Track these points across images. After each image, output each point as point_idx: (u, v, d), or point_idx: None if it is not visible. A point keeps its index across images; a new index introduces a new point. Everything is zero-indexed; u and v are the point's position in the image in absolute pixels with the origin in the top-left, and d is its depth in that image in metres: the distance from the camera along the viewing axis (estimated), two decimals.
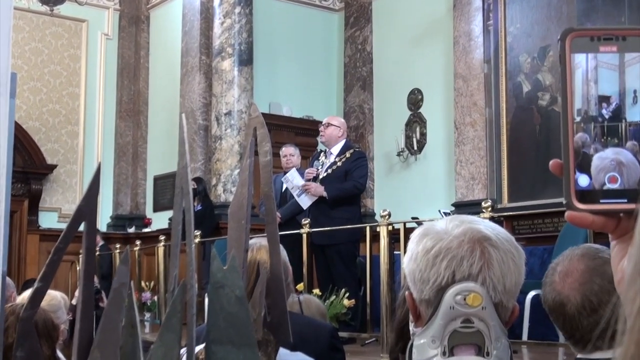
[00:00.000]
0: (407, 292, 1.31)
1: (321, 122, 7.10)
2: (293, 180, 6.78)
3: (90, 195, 0.89)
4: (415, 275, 1.27)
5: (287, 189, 7.53)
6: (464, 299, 1.21)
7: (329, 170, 6.76)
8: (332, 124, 6.87)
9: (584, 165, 0.75)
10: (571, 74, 0.76)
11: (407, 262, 1.30)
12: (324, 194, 6.60)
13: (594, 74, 0.76)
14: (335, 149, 6.85)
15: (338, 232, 6.49)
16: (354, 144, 8.05)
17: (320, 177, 6.76)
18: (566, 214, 0.75)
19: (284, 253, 2.50)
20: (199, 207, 9.53)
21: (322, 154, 7.02)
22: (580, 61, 0.76)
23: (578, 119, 0.76)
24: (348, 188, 6.71)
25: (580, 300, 1.75)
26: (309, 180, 6.83)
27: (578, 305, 1.75)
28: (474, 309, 1.21)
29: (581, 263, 1.80)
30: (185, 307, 0.85)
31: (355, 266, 6.73)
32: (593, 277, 1.77)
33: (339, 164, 6.75)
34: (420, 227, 1.32)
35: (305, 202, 6.68)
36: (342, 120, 7.26)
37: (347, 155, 6.79)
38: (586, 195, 0.74)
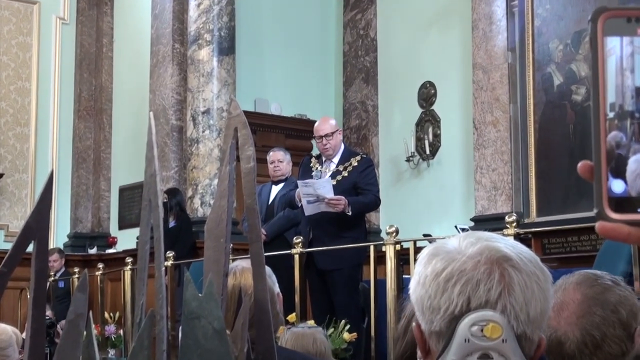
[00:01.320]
0: (414, 324, 1.31)
1: (312, 123, 7.05)
2: (318, 189, 6.54)
3: (41, 209, 0.88)
4: (424, 303, 1.27)
5: (274, 200, 7.51)
6: (481, 330, 1.22)
7: (334, 182, 6.72)
8: (332, 132, 6.76)
9: (618, 169, 0.75)
10: (603, 62, 0.75)
11: (414, 288, 1.30)
12: (348, 212, 6.53)
13: (630, 61, 0.76)
14: (336, 157, 6.81)
15: (345, 255, 6.47)
16: (355, 148, 8.01)
17: None
18: (597, 224, 0.75)
19: (271, 277, 2.49)
20: (173, 224, 9.50)
21: (313, 160, 6.93)
22: (614, 46, 0.76)
23: (611, 114, 0.75)
24: (369, 203, 6.73)
25: (580, 336, 1.75)
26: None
27: (578, 342, 1.75)
28: (493, 341, 1.21)
29: (577, 292, 1.80)
30: (154, 342, 0.85)
31: (358, 293, 6.73)
32: (593, 307, 1.76)
33: (344, 173, 6.71)
34: (429, 247, 1.32)
35: (311, 209, 6.57)
36: (335, 120, 7.24)
37: (354, 163, 6.73)
38: (621, 204, 0.74)
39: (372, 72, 11.28)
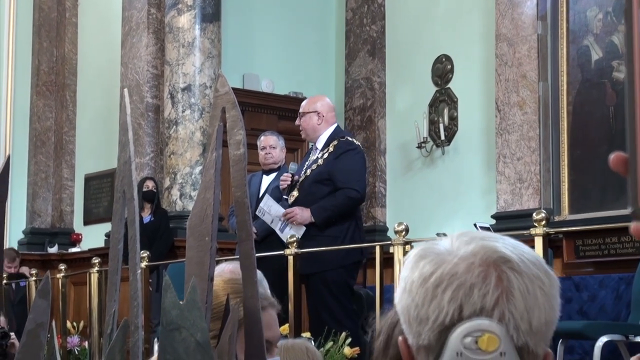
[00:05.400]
0: (400, 338, 1.31)
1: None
2: (270, 209, 6.71)
3: None
4: (410, 312, 1.27)
5: (265, 192, 7.54)
6: (476, 342, 1.21)
7: (308, 171, 6.74)
8: (306, 112, 6.84)
9: None
10: None
11: (399, 296, 1.30)
12: (312, 219, 6.59)
13: None
14: (320, 142, 6.83)
15: (323, 256, 6.49)
16: (344, 131, 7.93)
17: (300, 180, 6.77)
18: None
19: (262, 283, 2.49)
20: (150, 218, 9.52)
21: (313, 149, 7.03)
22: None
23: None
24: (340, 204, 6.64)
25: None
26: (284, 189, 6.81)
27: None
28: (490, 354, 1.21)
29: None
30: (128, 356, 0.85)
31: (349, 300, 6.74)
32: None
33: (319, 161, 6.73)
34: (417, 247, 1.32)
35: (287, 233, 6.71)
36: (324, 101, 7.11)
37: (330, 148, 6.75)
38: None
39: (379, 43, 11.27)
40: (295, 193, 6.74)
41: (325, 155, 6.70)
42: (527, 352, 1.24)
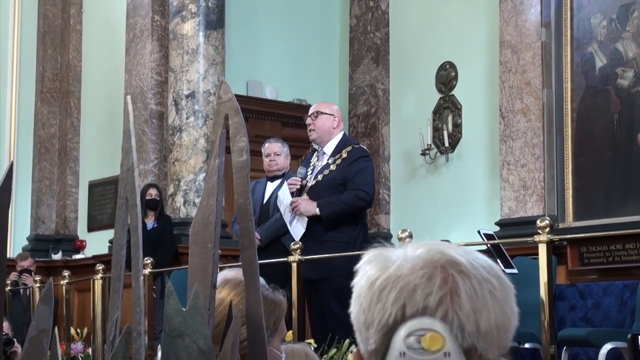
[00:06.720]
0: (355, 349, 1.30)
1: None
2: (284, 199, 6.75)
3: None
4: (359, 319, 1.25)
5: (269, 199, 7.54)
6: (419, 342, 1.18)
7: (319, 177, 6.75)
8: (322, 112, 6.87)
9: None
10: None
11: (352, 305, 1.28)
12: (317, 211, 6.59)
13: None
14: (329, 147, 6.85)
15: (331, 262, 6.49)
16: (352, 139, 7.99)
17: (308, 185, 6.77)
18: None
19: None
20: (153, 224, 9.52)
21: (315, 154, 7.03)
22: None
23: None
24: (348, 201, 6.66)
25: None
26: (292, 193, 6.84)
27: None
28: (434, 354, 1.18)
29: None
30: None
31: None
32: None
33: (332, 167, 6.74)
34: (371, 251, 1.31)
35: (298, 230, 6.71)
36: (336, 107, 7.24)
37: (344, 154, 6.77)
38: None
39: (383, 50, 11.28)
40: (305, 197, 6.75)
41: (338, 162, 6.73)
42: (476, 356, 1.21)
